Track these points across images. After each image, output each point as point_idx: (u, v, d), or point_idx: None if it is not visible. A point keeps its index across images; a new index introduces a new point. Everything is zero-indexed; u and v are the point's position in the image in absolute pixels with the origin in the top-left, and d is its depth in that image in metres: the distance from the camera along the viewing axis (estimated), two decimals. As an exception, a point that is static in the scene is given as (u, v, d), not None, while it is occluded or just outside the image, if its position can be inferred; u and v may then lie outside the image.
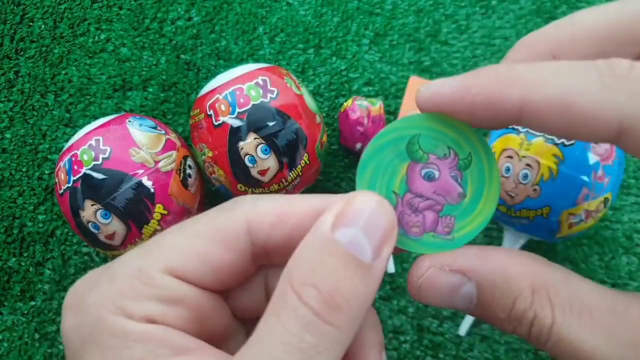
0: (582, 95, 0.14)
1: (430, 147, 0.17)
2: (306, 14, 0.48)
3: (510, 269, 0.16)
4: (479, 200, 0.17)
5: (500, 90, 0.15)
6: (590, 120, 0.14)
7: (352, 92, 0.45)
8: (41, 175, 0.45)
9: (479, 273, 0.16)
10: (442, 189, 0.18)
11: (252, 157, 0.35)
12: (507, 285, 0.16)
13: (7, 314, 0.42)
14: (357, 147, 0.42)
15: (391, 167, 0.18)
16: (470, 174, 0.18)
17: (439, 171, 0.18)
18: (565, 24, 0.18)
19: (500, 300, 0.16)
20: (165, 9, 0.49)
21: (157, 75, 0.47)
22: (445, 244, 0.17)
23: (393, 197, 0.18)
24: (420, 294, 0.17)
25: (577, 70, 0.15)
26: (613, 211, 0.41)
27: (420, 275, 0.17)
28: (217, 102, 0.35)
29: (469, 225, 0.17)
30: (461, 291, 0.16)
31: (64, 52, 0.48)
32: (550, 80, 0.15)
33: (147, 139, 0.35)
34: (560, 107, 0.14)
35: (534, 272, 0.16)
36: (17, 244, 0.43)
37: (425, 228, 0.18)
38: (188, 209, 0.36)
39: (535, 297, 0.15)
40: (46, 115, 0.46)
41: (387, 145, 0.18)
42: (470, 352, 0.38)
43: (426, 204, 0.18)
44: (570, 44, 0.17)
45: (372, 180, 0.18)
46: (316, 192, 0.43)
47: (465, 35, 0.46)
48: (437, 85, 0.16)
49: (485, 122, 0.16)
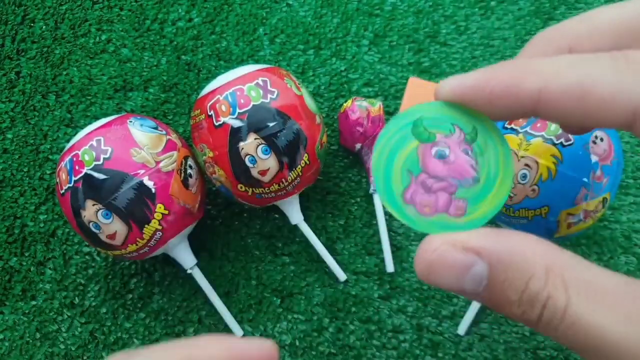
0: (598, 82, 0.15)
1: (434, 127, 0.18)
2: (306, 15, 0.48)
3: (524, 249, 0.15)
4: (493, 186, 0.18)
5: (519, 80, 0.16)
6: (607, 107, 0.15)
7: (351, 93, 0.45)
8: (42, 175, 0.45)
9: (493, 252, 0.16)
10: (456, 171, 0.18)
11: (252, 157, 0.35)
12: (520, 265, 0.15)
13: (8, 313, 0.42)
14: (356, 147, 0.42)
15: (401, 148, 0.18)
16: (486, 158, 0.18)
17: (451, 150, 0.18)
18: (584, 18, 0.18)
19: (513, 280, 0.15)
20: (166, 10, 0.49)
21: (158, 76, 0.47)
22: (457, 226, 0.18)
23: (407, 176, 0.18)
24: (430, 271, 0.16)
25: (592, 60, 0.15)
26: (612, 211, 0.41)
27: (431, 251, 0.16)
28: (218, 102, 0.35)
29: (481, 209, 0.18)
30: (472, 271, 0.16)
31: (65, 52, 0.48)
32: (566, 69, 0.15)
33: (148, 139, 0.35)
34: (577, 95, 0.15)
35: (548, 253, 0.15)
36: (18, 243, 0.44)
37: (437, 209, 0.18)
38: (189, 209, 0.36)
39: (550, 277, 0.15)
40: (47, 115, 0.47)
41: (406, 126, 0.18)
42: (470, 351, 0.39)
43: (440, 185, 0.18)
44: (588, 38, 0.18)
45: (389, 158, 0.18)
46: (316, 191, 0.43)
47: (465, 36, 0.46)
48: (459, 78, 0.17)
49: (504, 111, 0.17)
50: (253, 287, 0.41)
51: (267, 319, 0.41)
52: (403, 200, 0.18)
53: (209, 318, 0.41)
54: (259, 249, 0.42)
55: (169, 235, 0.36)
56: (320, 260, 0.41)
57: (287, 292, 0.41)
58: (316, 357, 0.39)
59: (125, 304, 0.42)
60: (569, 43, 0.18)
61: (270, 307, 0.41)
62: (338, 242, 0.42)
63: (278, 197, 0.38)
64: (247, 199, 0.38)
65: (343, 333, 0.40)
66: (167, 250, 0.38)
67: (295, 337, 0.40)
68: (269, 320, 0.40)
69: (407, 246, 0.41)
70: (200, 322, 0.41)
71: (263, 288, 0.41)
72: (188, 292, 0.42)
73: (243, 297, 0.41)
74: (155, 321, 0.41)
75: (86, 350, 0.41)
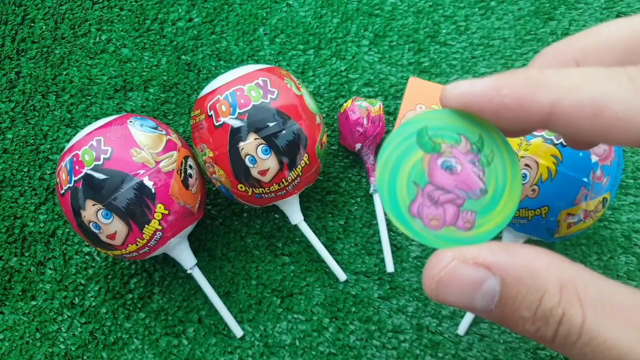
0: (614, 99, 0.14)
1: (439, 136, 0.17)
2: (306, 15, 0.48)
3: (537, 265, 0.15)
4: (501, 197, 0.17)
5: (532, 92, 0.15)
6: (621, 125, 0.14)
7: (351, 93, 0.45)
8: (42, 175, 0.45)
9: (505, 267, 0.15)
10: (464, 183, 0.17)
11: (252, 157, 0.35)
12: (534, 281, 0.15)
13: (8, 313, 0.42)
14: (356, 147, 0.42)
15: (407, 159, 0.17)
16: (493, 169, 0.17)
17: (458, 161, 0.17)
18: (592, 33, 0.18)
19: (527, 296, 0.15)
20: (166, 10, 0.49)
21: (158, 76, 0.47)
22: (465, 240, 0.17)
23: (414, 189, 0.17)
24: (439, 289, 0.16)
25: (608, 76, 0.15)
26: (611, 211, 0.41)
27: (441, 268, 0.15)
28: (218, 102, 0.35)
29: (490, 221, 0.17)
30: (483, 287, 0.15)
31: (65, 52, 0.48)
32: (581, 84, 0.15)
33: (148, 139, 0.35)
34: (592, 111, 0.14)
35: (561, 268, 0.15)
36: (18, 243, 0.44)
37: (445, 222, 0.17)
38: (189, 209, 0.36)
39: (564, 294, 0.14)
40: (47, 115, 0.47)
41: (409, 137, 0.18)
42: (470, 351, 0.39)
43: (447, 197, 0.17)
44: (595, 52, 0.17)
45: (393, 171, 0.17)
46: (316, 191, 0.43)
47: (465, 36, 0.46)
48: (467, 84, 0.16)
49: (512, 123, 0.16)
50: (253, 287, 0.41)
51: (267, 319, 0.41)
52: (409, 213, 0.17)
53: (209, 318, 0.41)
54: (259, 249, 0.42)
55: (169, 235, 0.36)
56: (320, 260, 0.41)
57: (287, 292, 0.41)
58: (316, 357, 0.39)
59: (125, 304, 0.42)
60: (575, 57, 0.17)
61: (270, 307, 0.41)
62: (338, 242, 0.42)
63: (278, 197, 0.38)
64: (247, 199, 0.38)
65: (343, 333, 0.40)
66: (167, 250, 0.38)
67: (295, 337, 0.40)
68: (269, 320, 0.40)
69: (407, 246, 0.41)
70: (200, 322, 0.41)
71: (263, 288, 0.41)
72: (188, 292, 0.42)
73: (243, 297, 0.41)
74: (155, 321, 0.41)
75: (86, 350, 0.41)
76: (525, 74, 0.16)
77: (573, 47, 0.18)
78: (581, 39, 0.18)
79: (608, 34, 0.17)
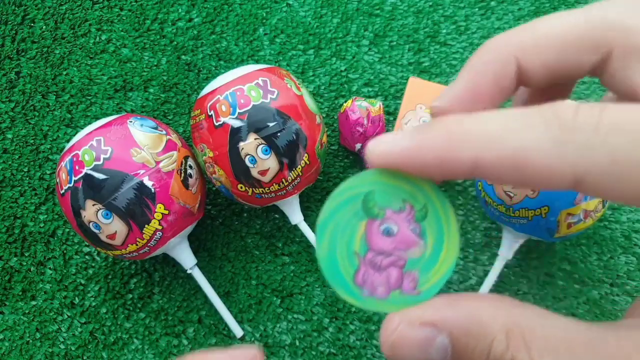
0: (533, 152, 0.14)
1: (385, 202, 0.17)
2: (306, 15, 0.48)
3: (481, 313, 0.15)
4: (440, 250, 0.17)
5: (451, 150, 0.15)
6: (544, 175, 0.14)
7: (351, 93, 0.45)
8: (42, 175, 0.45)
9: (450, 322, 0.16)
10: (402, 242, 0.17)
11: (252, 157, 0.35)
12: (480, 330, 0.15)
13: (8, 313, 0.42)
14: (356, 147, 0.42)
15: (349, 227, 0.17)
16: (428, 225, 0.17)
17: (397, 225, 0.17)
18: (529, 28, 0.18)
19: (476, 347, 0.15)
20: (166, 10, 0.49)
21: (158, 76, 0.47)
22: (412, 300, 0.17)
23: (355, 259, 0.17)
24: (394, 352, 0.16)
25: (525, 124, 0.15)
26: (611, 211, 0.41)
27: (391, 331, 0.16)
28: (218, 102, 0.35)
29: (433, 276, 0.17)
30: (435, 344, 0.16)
31: (65, 52, 0.48)
32: (500, 136, 0.15)
33: (148, 139, 0.35)
34: (513, 165, 0.15)
35: (506, 313, 0.15)
36: (18, 243, 0.44)
37: (390, 286, 0.17)
38: (189, 209, 0.36)
39: (511, 340, 0.15)
40: (47, 115, 0.47)
41: (344, 205, 0.18)
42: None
43: (389, 261, 0.17)
44: (533, 49, 0.17)
45: (331, 243, 0.17)
46: (316, 191, 0.43)
47: (465, 36, 0.46)
48: (387, 144, 0.17)
49: (439, 177, 0.16)
50: (253, 287, 0.41)
51: (267, 319, 0.41)
52: (355, 284, 0.17)
53: (209, 318, 0.41)
54: (259, 249, 0.42)
55: (169, 235, 0.36)
56: (320, 260, 0.41)
57: (287, 292, 0.41)
58: (316, 357, 0.39)
59: (125, 304, 0.42)
60: (514, 53, 0.17)
61: (270, 307, 0.41)
62: (338, 242, 0.42)
63: (278, 197, 0.38)
64: (247, 199, 0.38)
65: (343, 333, 0.40)
66: (167, 250, 0.38)
67: (295, 337, 0.40)
68: (269, 320, 0.40)
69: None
70: (200, 322, 0.41)
71: (263, 288, 0.41)
72: (188, 292, 0.42)
73: (243, 297, 0.41)
74: (155, 321, 0.41)
75: (86, 350, 0.41)
76: (446, 128, 0.16)
77: (512, 42, 0.18)
78: (519, 34, 0.18)
79: (546, 29, 0.17)
